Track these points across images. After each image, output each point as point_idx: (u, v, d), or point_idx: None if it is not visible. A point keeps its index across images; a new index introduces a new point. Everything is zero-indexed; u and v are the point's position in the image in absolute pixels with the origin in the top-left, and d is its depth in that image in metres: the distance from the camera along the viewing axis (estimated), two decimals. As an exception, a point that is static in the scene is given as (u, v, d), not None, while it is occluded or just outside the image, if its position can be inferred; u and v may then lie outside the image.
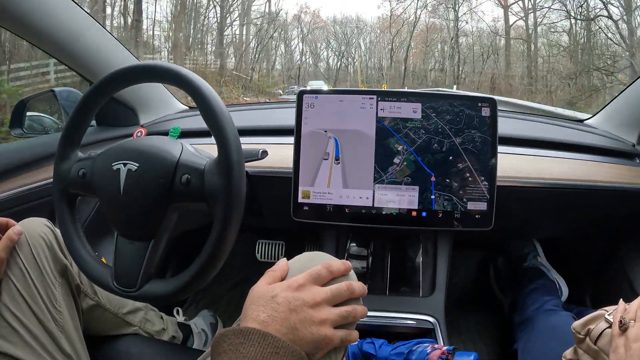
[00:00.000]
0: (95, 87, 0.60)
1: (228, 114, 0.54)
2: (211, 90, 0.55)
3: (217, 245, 0.53)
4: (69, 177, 0.60)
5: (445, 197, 0.80)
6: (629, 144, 1.02)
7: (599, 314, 0.57)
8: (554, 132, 1.06)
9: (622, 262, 1.02)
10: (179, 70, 0.56)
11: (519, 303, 1.03)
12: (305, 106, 0.82)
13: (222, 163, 0.53)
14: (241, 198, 0.53)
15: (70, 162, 0.61)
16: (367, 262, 0.88)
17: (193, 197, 0.54)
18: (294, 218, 0.82)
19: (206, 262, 0.53)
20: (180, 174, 0.54)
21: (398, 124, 0.81)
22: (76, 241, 0.60)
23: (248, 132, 0.99)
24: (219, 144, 0.53)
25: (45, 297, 0.64)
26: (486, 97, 0.81)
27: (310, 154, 0.82)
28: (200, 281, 0.55)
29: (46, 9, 0.80)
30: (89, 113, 0.62)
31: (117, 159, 0.57)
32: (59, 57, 0.92)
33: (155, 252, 0.56)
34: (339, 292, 0.47)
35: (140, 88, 1.05)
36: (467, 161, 0.80)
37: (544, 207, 0.94)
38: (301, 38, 26.92)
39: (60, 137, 0.62)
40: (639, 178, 0.92)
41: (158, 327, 0.89)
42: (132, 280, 0.56)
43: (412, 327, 0.83)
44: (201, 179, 0.54)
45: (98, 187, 0.58)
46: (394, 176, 0.81)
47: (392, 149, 0.81)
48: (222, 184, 0.52)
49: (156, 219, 0.56)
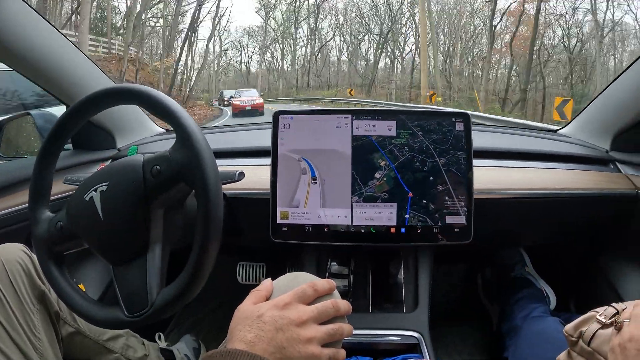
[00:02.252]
0: (58, 126, 0.60)
1: (203, 137, 0.54)
2: (185, 113, 0.55)
3: (198, 264, 0.51)
4: (49, 236, 0.59)
5: (421, 214, 0.81)
6: (603, 150, 1.04)
7: (590, 316, 0.57)
8: (529, 143, 1.08)
9: (605, 267, 1.04)
10: (155, 93, 0.55)
11: (507, 312, 1.03)
12: (281, 127, 0.82)
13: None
14: (219, 215, 0.52)
15: (45, 223, 0.60)
16: (349, 280, 0.88)
17: (168, 182, 0.54)
18: (273, 239, 0.82)
19: (188, 281, 0.52)
20: (148, 170, 0.54)
21: (384, 139, 0.81)
22: (77, 298, 0.58)
23: (224, 154, 0.98)
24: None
25: (24, 324, 0.63)
26: (460, 112, 0.82)
27: (288, 175, 0.81)
28: (185, 298, 0.53)
29: (19, 29, 0.80)
30: (52, 162, 0.62)
31: (86, 190, 0.56)
32: (32, 79, 0.91)
33: (154, 262, 0.55)
34: (325, 310, 0.47)
35: (117, 110, 1.04)
36: (444, 177, 0.80)
37: (523, 217, 0.95)
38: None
39: (29, 201, 0.61)
40: (614, 183, 0.94)
41: (140, 353, 0.87)
42: (142, 301, 0.54)
43: (397, 343, 0.83)
44: (168, 161, 0.53)
45: (79, 226, 0.57)
46: (373, 190, 0.81)
47: (375, 164, 0.81)
48: (190, 155, 0.52)
49: (143, 226, 0.55)
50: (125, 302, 0.54)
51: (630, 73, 0.93)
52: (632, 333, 0.49)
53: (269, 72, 30.32)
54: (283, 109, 0.84)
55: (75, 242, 0.59)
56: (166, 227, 0.57)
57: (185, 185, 0.53)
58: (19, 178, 0.91)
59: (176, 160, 0.53)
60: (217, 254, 0.53)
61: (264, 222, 0.82)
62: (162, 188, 0.54)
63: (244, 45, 30.00)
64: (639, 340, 0.48)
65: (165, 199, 0.55)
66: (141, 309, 0.53)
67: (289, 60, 29.22)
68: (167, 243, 0.57)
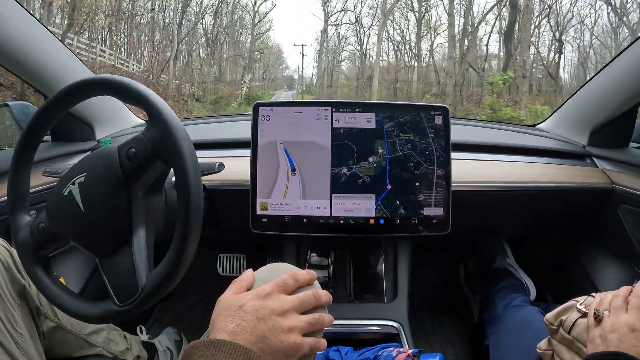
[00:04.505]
0: (35, 118, 0.59)
1: (183, 128, 0.54)
2: (165, 104, 0.55)
3: (184, 240, 0.51)
4: (32, 241, 0.58)
5: (400, 206, 0.82)
6: (580, 145, 1.06)
7: (570, 305, 0.59)
8: (507, 137, 1.09)
9: (581, 259, 1.07)
10: (134, 85, 0.55)
11: (488, 301, 1.05)
12: (261, 118, 0.82)
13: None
14: (199, 186, 0.52)
15: (27, 226, 0.59)
16: (329, 271, 0.88)
17: (145, 163, 0.53)
18: (253, 230, 0.82)
19: (175, 260, 0.51)
20: (123, 154, 0.54)
21: (394, 130, 0.82)
22: (67, 299, 0.57)
23: (204, 146, 0.98)
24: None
25: (4, 319, 0.62)
26: (439, 105, 0.83)
27: (267, 166, 0.81)
28: (173, 278, 0.52)
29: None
30: (26, 165, 0.61)
31: (64, 185, 0.56)
32: (11, 69, 0.89)
33: (139, 247, 0.54)
34: (305, 300, 0.47)
35: (95, 102, 1.03)
36: (423, 169, 0.81)
37: (501, 210, 0.97)
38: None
39: (8, 206, 0.60)
40: (590, 177, 0.96)
41: (122, 347, 0.87)
42: (132, 287, 0.53)
43: (377, 332, 0.84)
44: (142, 142, 0.53)
45: (61, 223, 0.56)
46: (361, 170, 0.82)
47: (374, 149, 0.82)
48: (162, 130, 0.51)
49: (125, 212, 0.54)
50: (115, 293, 0.54)
51: (608, 70, 0.95)
52: (613, 324, 0.51)
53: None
54: (263, 101, 0.84)
55: (59, 242, 0.58)
56: (148, 211, 0.56)
57: (162, 163, 0.53)
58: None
59: (149, 138, 0.52)
60: (198, 247, 0.53)
61: (243, 214, 0.82)
62: (140, 170, 0.53)
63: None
64: (620, 330, 0.49)
65: (144, 181, 0.55)
66: (132, 295, 0.53)
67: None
68: (150, 227, 0.57)
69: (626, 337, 0.49)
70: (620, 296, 0.54)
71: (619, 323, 0.50)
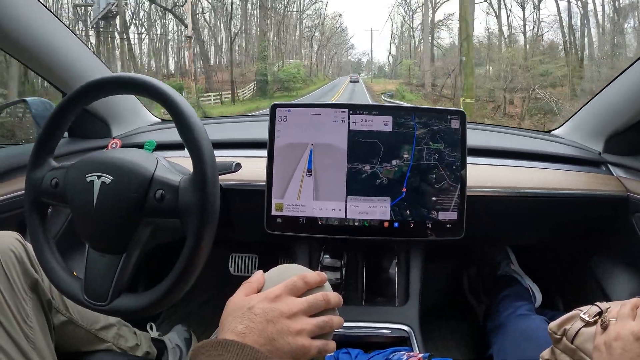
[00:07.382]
0: (71, 98, 0.59)
1: (203, 128, 0.54)
2: (186, 103, 0.55)
3: (190, 260, 0.52)
4: (41, 186, 0.59)
5: (415, 209, 0.81)
6: (595, 152, 1.05)
7: (574, 314, 0.59)
8: (522, 142, 1.09)
9: (593, 267, 1.06)
10: (154, 82, 0.55)
11: (492, 310, 1.05)
12: (278, 119, 0.82)
13: (197, 180, 0.53)
14: (215, 214, 0.53)
15: (43, 171, 0.60)
16: (341, 273, 0.88)
17: (166, 213, 0.54)
18: (267, 230, 0.82)
19: (179, 277, 0.53)
20: (154, 189, 0.54)
21: (425, 138, 0.81)
22: (47, 252, 0.59)
23: (222, 145, 0.98)
24: (194, 159, 0.53)
25: (16, 312, 0.63)
26: (455, 110, 0.83)
27: (283, 167, 0.82)
28: (172, 296, 0.55)
29: (20, 17, 0.79)
30: (63, 123, 0.61)
31: (91, 171, 0.56)
32: (32, 67, 0.90)
33: (127, 266, 0.56)
34: (315, 303, 0.48)
35: (112, 99, 1.03)
36: (439, 173, 0.81)
37: (514, 216, 0.96)
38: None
39: (34, 145, 0.61)
40: (606, 185, 0.95)
41: (131, 342, 0.88)
42: (103, 294, 0.55)
43: (388, 336, 0.84)
44: (175, 195, 0.53)
45: (70, 198, 0.57)
46: (382, 170, 0.81)
47: (400, 153, 0.81)
48: (196, 201, 0.52)
49: (128, 233, 0.55)
50: (85, 285, 0.56)
51: (626, 76, 0.94)
52: (618, 332, 0.50)
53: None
54: (281, 102, 0.84)
55: (62, 202, 0.59)
56: (148, 242, 0.58)
57: (179, 222, 0.54)
58: (13, 165, 0.90)
59: (183, 199, 0.53)
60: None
61: (258, 214, 0.82)
62: (159, 214, 0.55)
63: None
64: (625, 338, 0.49)
65: (157, 222, 0.56)
66: (98, 300, 0.55)
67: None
68: (142, 252, 0.58)
69: (630, 345, 0.48)
70: (628, 304, 0.53)
71: (624, 331, 0.50)
